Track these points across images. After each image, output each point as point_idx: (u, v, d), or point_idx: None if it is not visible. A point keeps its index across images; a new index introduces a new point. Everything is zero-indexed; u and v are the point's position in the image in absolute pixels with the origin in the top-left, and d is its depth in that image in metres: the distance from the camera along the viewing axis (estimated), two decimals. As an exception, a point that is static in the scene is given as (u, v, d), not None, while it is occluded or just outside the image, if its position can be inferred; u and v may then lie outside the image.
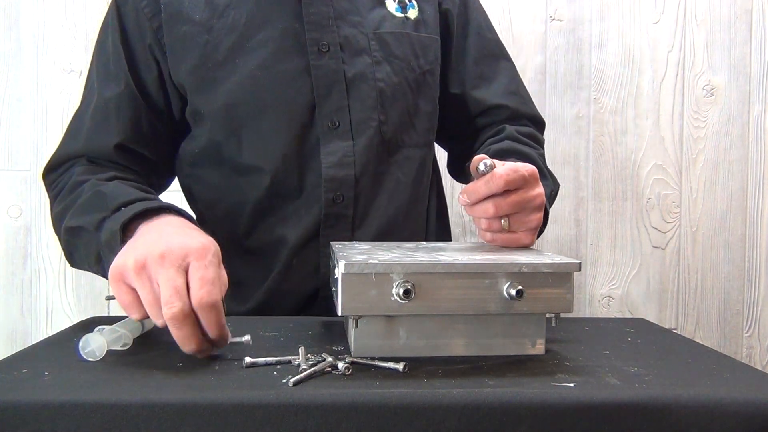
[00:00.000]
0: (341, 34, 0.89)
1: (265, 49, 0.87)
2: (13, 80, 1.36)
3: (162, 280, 0.60)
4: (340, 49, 0.88)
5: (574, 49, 1.43)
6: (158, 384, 0.54)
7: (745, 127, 1.45)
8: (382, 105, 0.90)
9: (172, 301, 0.59)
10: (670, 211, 1.45)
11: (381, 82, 0.90)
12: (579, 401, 0.52)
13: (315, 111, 0.88)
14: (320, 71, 0.87)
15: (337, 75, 0.88)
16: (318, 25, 0.88)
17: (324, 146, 0.88)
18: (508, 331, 0.64)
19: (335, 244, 0.77)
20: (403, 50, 0.92)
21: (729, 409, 0.52)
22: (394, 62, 0.91)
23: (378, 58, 0.90)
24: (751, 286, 1.47)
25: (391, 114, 0.91)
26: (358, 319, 0.61)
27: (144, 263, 0.61)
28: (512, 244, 0.76)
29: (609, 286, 1.46)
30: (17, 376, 0.56)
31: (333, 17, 0.89)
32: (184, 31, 0.88)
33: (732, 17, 1.44)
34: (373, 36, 0.90)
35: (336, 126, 0.88)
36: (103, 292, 1.39)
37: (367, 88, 0.89)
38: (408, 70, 0.92)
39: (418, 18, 0.95)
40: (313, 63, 0.87)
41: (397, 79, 0.91)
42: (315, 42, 0.87)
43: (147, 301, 0.61)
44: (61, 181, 0.89)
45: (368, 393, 0.52)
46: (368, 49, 0.90)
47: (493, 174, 0.71)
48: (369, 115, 0.89)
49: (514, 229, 0.75)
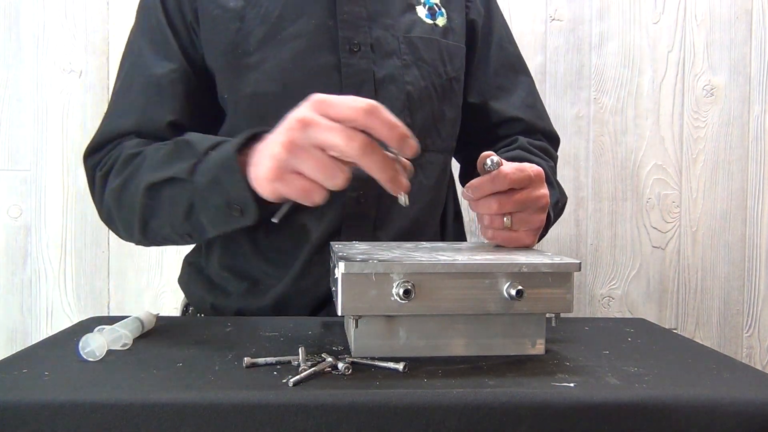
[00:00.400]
0: (373, 35, 0.89)
1: (298, 43, 0.87)
2: (13, 80, 1.37)
3: (322, 136, 0.57)
4: (371, 49, 0.89)
5: (574, 49, 1.43)
6: (158, 384, 0.54)
7: (745, 127, 1.45)
8: (409, 108, 0.90)
9: (351, 135, 0.57)
10: (670, 211, 1.45)
11: (409, 85, 0.90)
12: (579, 401, 0.52)
13: None
14: (350, 69, 0.88)
15: (367, 74, 0.88)
16: (351, 24, 0.88)
17: None
18: (508, 331, 0.64)
19: (335, 244, 0.77)
20: (431, 55, 0.93)
21: (729, 409, 0.52)
22: (422, 66, 0.92)
23: (407, 61, 0.91)
24: (751, 286, 1.47)
25: (417, 118, 0.91)
26: (358, 319, 0.61)
27: (291, 140, 0.59)
28: (513, 243, 0.76)
29: (609, 286, 1.46)
30: (17, 376, 0.56)
31: (365, 18, 0.89)
32: (216, 14, 0.88)
33: (732, 17, 1.44)
34: (403, 39, 0.91)
35: None
36: (103, 292, 1.39)
37: (395, 89, 0.90)
38: (435, 76, 0.93)
39: (446, 26, 0.96)
40: (344, 61, 0.88)
41: (425, 84, 0.92)
42: (347, 40, 0.88)
43: (319, 167, 0.58)
44: (109, 158, 0.86)
45: (368, 393, 0.52)
46: (398, 51, 0.91)
47: (499, 171, 0.71)
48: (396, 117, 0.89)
49: (516, 227, 0.75)
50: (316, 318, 0.85)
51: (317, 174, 0.59)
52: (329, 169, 0.59)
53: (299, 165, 0.60)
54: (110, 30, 1.37)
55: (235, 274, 0.93)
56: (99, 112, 1.36)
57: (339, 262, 0.60)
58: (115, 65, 1.37)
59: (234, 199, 0.69)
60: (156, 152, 0.80)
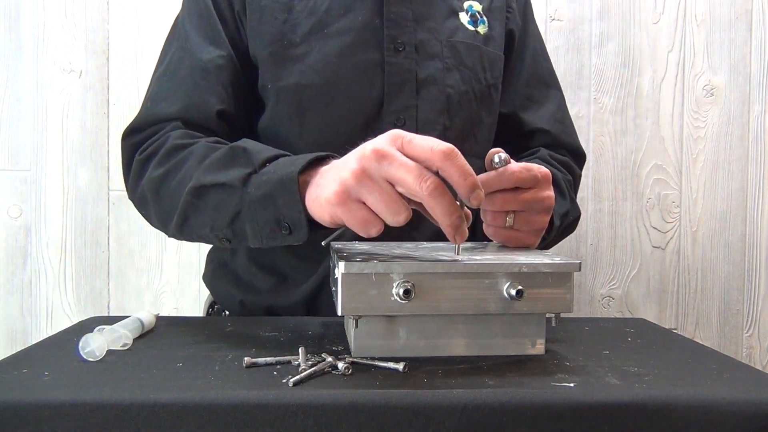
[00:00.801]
0: (417, 36, 0.90)
1: (344, 38, 0.88)
2: (13, 80, 1.37)
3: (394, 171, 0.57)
4: (414, 50, 0.90)
5: (574, 49, 1.43)
6: (158, 384, 0.54)
7: (745, 127, 1.45)
8: (449, 110, 0.91)
9: (423, 175, 0.56)
10: (670, 211, 1.45)
11: (450, 88, 0.91)
12: (579, 401, 0.52)
13: (383, 106, 0.89)
14: (394, 68, 0.89)
15: (410, 74, 0.89)
16: (397, 24, 0.89)
17: None
18: (508, 331, 0.64)
19: (335, 244, 0.77)
20: (472, 61, 0.94)
21: (729, 409, 0.52)
22: (463, 71, 0.93)
23: (449, 65, 0.92)
24: (751, 286, 1.47)
25: (456, 121, 0.92)
26: (358, 319, 0.61)
27: (362, 169, 0.58)
28: (514, 243, 0.76)
29: (609, 286, 1.46)
30: (17, 376, 0.56)
31: (411, 19, 0.90)
32: (264, 4, 0.89)
33: (732, 17, 1.44)
34: (446, 43, 0.92)
35: (402, 124, 0.89)
36: (103, 292, 1.39)
37: (436, 91, 0.91)
38: (475, 81, 0.94)
39: (487, 34, 0.97)
40: (388, 59, 0.89)
41: (465, 88, 0.93)
42: (392, 40, 0.89)
43: (384, 201, 0.58)
44: (152, 143, 0.85)
45: (368, 393, 0.52)
46: (441, 54, 0.92)
47: (506, 168, 0.71)
48: (435, 119, 0.91)
49: (518, 227, 0.75)
50: (316, 318, 0.85)
51: (381, 207, 0.58)
52: (394, 205, 0.58)
53: (365, 195, 0.59)
54: (110, 30, 1.37)
55: (262, 268, 0.93)
56: (99, 112, 1.36)
57: (339, 262, 0.60)
58: (115, 65, 1.37)
59: (285, 217, 0.68)
60: (206, 151, 0.78)
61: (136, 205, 0.88)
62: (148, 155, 0.84)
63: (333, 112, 0.88)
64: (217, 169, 0.75)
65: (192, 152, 0.80)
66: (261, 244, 0.73)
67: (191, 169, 0.78)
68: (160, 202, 0.82)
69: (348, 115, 0.88)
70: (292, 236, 0.70)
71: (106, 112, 1.37)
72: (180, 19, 0.93)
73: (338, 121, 0.88)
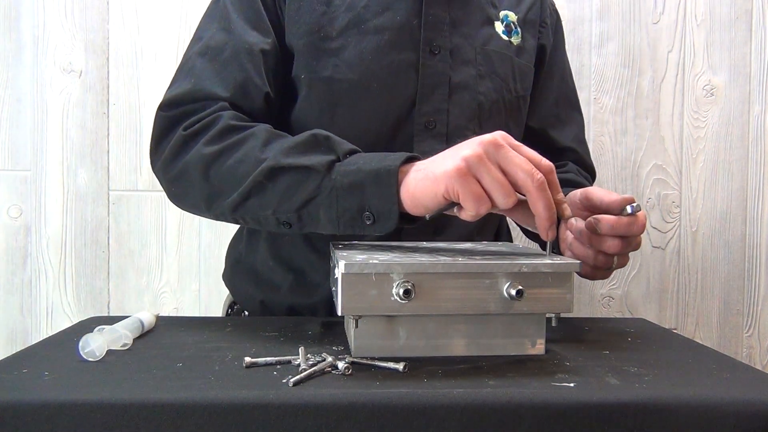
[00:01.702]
0: (453, 41, 0.91)
1: (381, 36, 0.88)
2: (13, 80, 1.37)
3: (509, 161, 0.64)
4: (449, 54, 0.90)
5: (574, 49, 1.43)
6: (158, 384, 0.54)
7: (745, 127, 1.45)
8: (479, 117, 0.92)
9: (533, 170, 0.64)
10: (670, 211, 1.45)
11: (481, 95, 0.92)
12: (579, 401, 0.52)
13: (414, 108, 0.89)
14: (428, 70, 0.89)
15: (443, 78, 0.89)
16: (434, 27, 0.89)
17: (417, 144, 0.89)
18: (508, 331, 0.64)
19: (335, 244, 0.77)
20: (504, 70, 0.94)
21: (729, 409, 0.52)
22: (495, 79, 0.93)
23: (482, 72, 0.92)
24: (751, 286, 1.47)
25: (486, 128, 0.90)
26: (358, 319, 0.61)
27: (483, 151, 0.64)
28: (603, 278, 0.79)
29: (609, 286, 1.46)
30: (17, 376, 0.56)
31: (448, 23, 0.91)
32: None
33: (732, 17, 1.43)
34: (480, 50, 0.92)
35: (432, 127, 0.89)
36: (103, 292, 1.39)
37: (468, 97, 0.91)
38: (506, 91, 0.94)
39: (520, 45, 0.97)
40: (423, 61, 0.89)
41: (496, 96, 0.93)
42: (428, 42, 0.89)
43: (498, 183, 0.64)
44: (200, 119, 0.82)
45: (368, 393, 0.52)
46: (474, 61, 0.92)
47: (638, 219, 0.72)
48: (466, 124, 0.91)
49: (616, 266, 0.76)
50: (316, 318, 0.85)
51: (495, 187, 0.64)
52: (506, 188, 0.64)
53: (483, 173, 0.64)
54: (110, 30, 1.37)
55: (281, 263, 0.93)
56: (99, 112, 1.36)
57: (339, 262, 0.60)
58: (115, 65, 1.37)
59: (372, 207, 0.71)
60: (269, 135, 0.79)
61: (170, 179, 0.84)
62: (196, 131, 0.82)
63: (364, 109, 0.88)
64: (299, 153, 0.76)
65: (253, 134, 0.79)
66: (336, 230, 0.75)
67: (254, 150, 0.77)
68: (208, 180, 0.80)
69: (379, 114, 0.88)
70: (375, 225, 0.72)
71: (106, 112, 1.37)
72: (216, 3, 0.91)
73: (369, 119, 0.88)
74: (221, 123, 0.81)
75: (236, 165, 0.78)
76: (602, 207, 0.74)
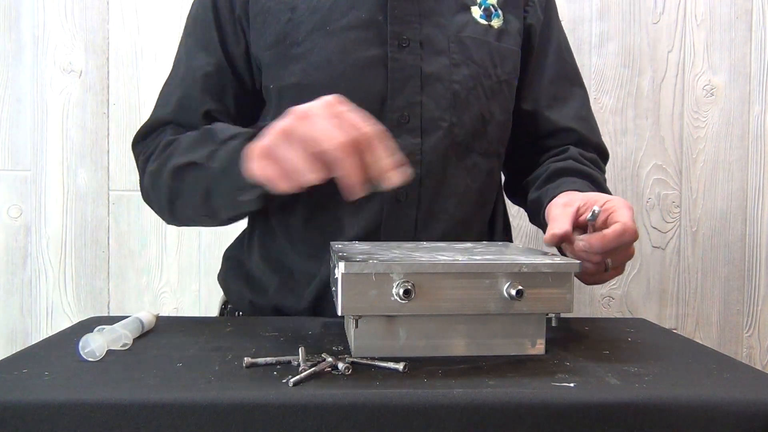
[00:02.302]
0: (423, 32, 0.90)
1: (346, 36, 0.88)
2: (13, 80, 1.36)
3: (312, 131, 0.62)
4: (419, 46, 0.89)
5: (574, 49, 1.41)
6: (158, 384, 0.54)
7: (745, 127, 1.45)
8: (455, 107, 0.90)
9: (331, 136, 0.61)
10: (670, 211, 1.45)
11: (456, 84, 0.90)
12: (579, 401, 0.52)
13: (386, 103, 0.88)
14: (397, 64, 0.88)
15: (414, 70, 0.88)
16: (401, 21, 0.89)
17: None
18: (508, 331, 0.64)
19: (335, 244, 0.77)
20: (481, 56, 0.92)
21: (729, 409, 0.52)
22: (472, 66, 0.91)
23: (456, 60, 0.91)
24: (751, 286, 1.47)
25: (464, 118, 0.91)
26: (358, 319, 0.61)
27: (287, 128, 0.64)
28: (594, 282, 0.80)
29: (609, 286, 1.46)
30: (17, 376, 0.56)
31: (417, 15, 0.90)
32: (269, 6, 0.90)
33: (732, 17, 1.43)
34: (454, 38, 0.91)
35: (406, 121, 0.88)
36: (103, 292, 1.39)
37: (441, 88, 0.89)
38: (484, 77, 0.92)
39: (501, 27, 0.95)
40: (392, 55, 0.88)
41: (473, 84, 0.91)
42: (396, 36, 0.88)
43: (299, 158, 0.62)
44: (151, 145, 0.91)
45: (368, 393, 0.52)
46: (447, 50, 0.90)
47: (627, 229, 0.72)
48: (441, 115, 0.89)
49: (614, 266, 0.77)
50: (316, 318, 0.85)
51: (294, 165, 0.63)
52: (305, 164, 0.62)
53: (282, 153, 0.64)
54: (110, 30, 1.37)
55: (270, 264, 0.94)
56: (99, 112, 1.36)
57: (339, 262, 0.60)
58: (115, 65, 1.37)
59: (241, 184, 0.73)
60: (186, 139, 0.85)
61: (145, 201, 0.94)
62: (148, 155, 0.90)
63: None
64: (188, 151, 0.82)
65: (179, 142, 0.86)
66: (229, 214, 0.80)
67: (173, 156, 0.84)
68: (156, 193, 0.88)
69: None
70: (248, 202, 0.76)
71: (106, 112, 1.37)
72: (184, 28, 0.97)
73: None
74: (162, 142, 0.89)
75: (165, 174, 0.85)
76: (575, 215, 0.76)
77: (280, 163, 0.64)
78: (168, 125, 0.92)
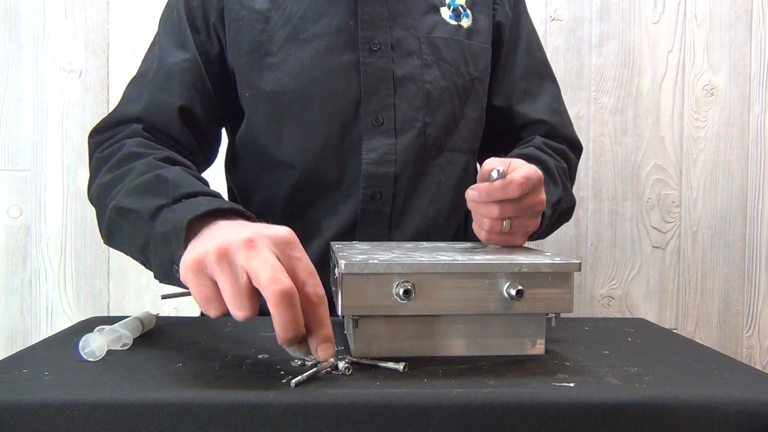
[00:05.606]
0: (393, 35, 0.91)
1: (318, 43, 0.89)
2: (13, 80, 1.36)
3: (256, 263, 0.52)
4: (391, 49, 0.90)
5: (574, 49, 1.43)
6: (158, 384, 0.54)
7: (745, 127, 1.45)
8: (428, 107, 0.91)
9: (278, 278, 0.51)
10: (670, 211, 1.45)
11: (429, 84, 0.91)
12: (579, 401, 0.52)
13: (360, 106, 0.89)
14: (369, 68, 0.89)
15: (386, 73, 0.90)
16: (371, 24, 0.90)
17: (366, 142, 0.90)
18: (508, 331, 0.64)
19: (335, 244, 0.77)
20: (453, 56, 0.94)
21: (729, 409, 0.52)
22: (443, 66, 0.93)
23: (428, 61, 0.92)
24: (751, 286, 1.47)
25: (437, 117, 0.92)
26: (358, 319, 0.61)
27: (227, 249, 0.54)
28: (503, 244, 0.78)
29: (609, 286, 1.46)
30: (17, 376, 0.56)
31: (386, 18, 0.91)
32: (242, 15, 0.90)
33: (732, 17, 1.44)
34: (424, 39, 0.92)
35: (380, 123, 0.90)
36: (103, 292, 1.39)
37: (414, 88, 0.91)
38: (457, 76, 0.94)
39: (471, 27, 0.96)
40: (363, 60, 0.89)
41: (445, 83, 0.93)
42: (367, 40, 0.89)
43: (231, 290, 0.53)
44: (110, 145, 0.85)
45: (368, 393, 0.52)
46: (419, 51, 0.92)
47: (512, 180, 0.72)
48: (414, 116, 0.91)
49: (512, 232, 0.76)
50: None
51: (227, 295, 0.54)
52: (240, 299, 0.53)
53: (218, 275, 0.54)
54: (110, 30, 1.37)
55: None
56: (99, 112, 1.36)
57: (339, 261, 0.60)
58: (115, 65, 1.37)
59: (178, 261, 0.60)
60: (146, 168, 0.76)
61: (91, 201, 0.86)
62: (104, 157, 0.83)
63: (310, 117, 0.89)
64: (136, 195, 0.72)
65: (136, 167, 0.77)
66: (161, 280, 0.68)
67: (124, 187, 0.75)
68: (101, 209, 0.80)
69: (325, 119, 0.89)
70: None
71: (106, 112, 1.37)
72: (157, 29, 0.97)
73: (316, 125, 0.90)
74: (123, 150, 0.81)
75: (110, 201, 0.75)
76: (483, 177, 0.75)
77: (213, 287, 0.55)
78: (134, 122, 0.87)
